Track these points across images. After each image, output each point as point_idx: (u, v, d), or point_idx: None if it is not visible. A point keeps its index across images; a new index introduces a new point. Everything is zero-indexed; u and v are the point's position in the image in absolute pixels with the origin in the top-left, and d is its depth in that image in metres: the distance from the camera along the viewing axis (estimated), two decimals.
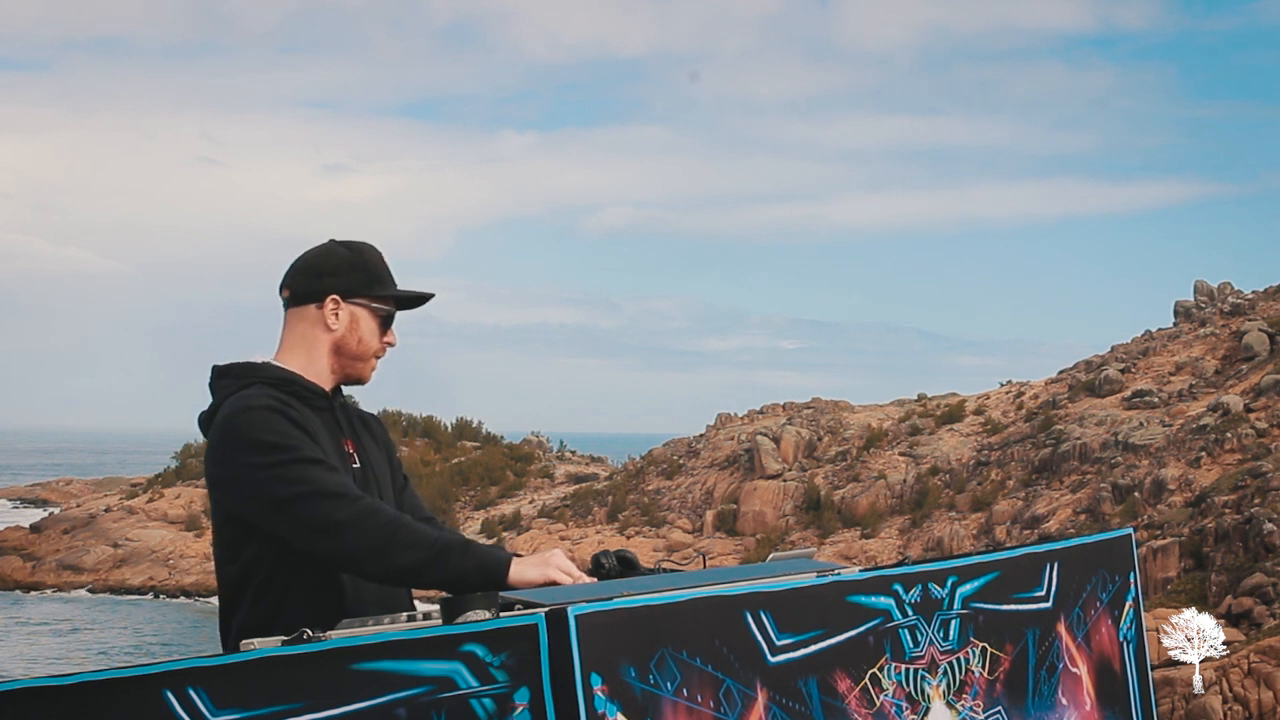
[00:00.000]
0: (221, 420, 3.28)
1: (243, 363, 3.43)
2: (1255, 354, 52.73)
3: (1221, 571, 38.23)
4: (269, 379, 3.36)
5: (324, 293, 3.42)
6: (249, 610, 3.29)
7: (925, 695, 3.06)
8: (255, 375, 3.37)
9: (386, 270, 3.49)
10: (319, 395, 3.40)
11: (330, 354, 3.44)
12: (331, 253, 3.46)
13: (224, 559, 3.36)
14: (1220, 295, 59.97)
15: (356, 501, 3.13)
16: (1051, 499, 50.69)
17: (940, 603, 3.15)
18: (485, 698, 2.47)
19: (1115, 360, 58.45)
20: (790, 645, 2.77)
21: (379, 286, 3.45)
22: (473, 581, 3.04)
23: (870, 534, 55.19)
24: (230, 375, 3.40)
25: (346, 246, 3.48)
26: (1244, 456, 44.86)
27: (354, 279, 3.43)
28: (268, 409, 3.25)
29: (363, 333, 3.44)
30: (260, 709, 2.65)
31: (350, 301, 3.43)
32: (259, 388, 3.33)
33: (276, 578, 3.27)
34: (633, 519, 61.60)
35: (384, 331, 3.48)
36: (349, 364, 3.45)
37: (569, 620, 2.40)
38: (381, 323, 3.47)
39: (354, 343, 3.44)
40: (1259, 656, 31.71)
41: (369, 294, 3.44)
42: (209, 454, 3.33)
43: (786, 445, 61.70)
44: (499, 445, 74.84)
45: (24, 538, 68.78)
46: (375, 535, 3.10)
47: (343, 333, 3.43)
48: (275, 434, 3.21)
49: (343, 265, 3.44)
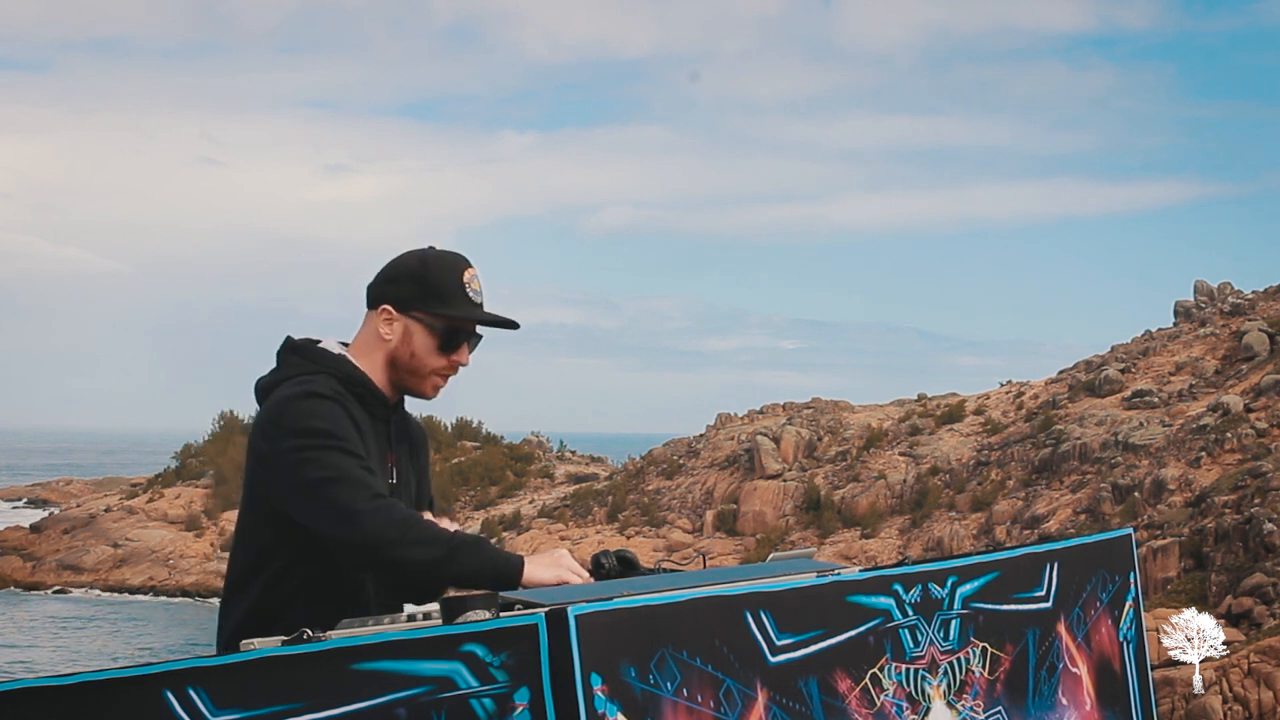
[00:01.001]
0: (281, 399, 3.24)
1: (318, 346, 3.38)
2: (1255, 354, 52.72)
3: (1221, 571, 38.23)
4: (339, 373, 3.31)
5: (380, 300, 3.37)
6: (255, 600, 3.27)
7: (925, 695, 3.06)
8: (327, 365, 3.32)
9: (456, 287, 3.34)
10: (381, 403, 3.36)
11: (386, 363, 3.37)
12: (404, 261, 3.38)
13: (241, 542, 3.34)
14: (1220, 295, 59.96)
15: (380, 496, 3.12)
16: (1051, 499, 50.68)
17: (940, 603, 3.15)
18: (485, 698, 2.47)
19: (1115, 360, 58.44)
20: (790, 645, 2.77)
21: (438, 303, 3.33)
22: (486, 580, 3.03)
23: (870, 534, 55.17)
24: (303, 354, 3.36)
25: (422, 257, 3.37)
26: (1244, 456, 44.85)
27: (411, 290, 3.34)
28: (329, 399, 3.21)
29: (416, 347, 3.35)
30: (260, 709, 2.65)
31: (406, 314, 3.35)
32: (326, 378, 3.28)
33: (290, 573, 3.25)
34: (633, 519, 61.59)
35: (448, 350, 3.37)
36: (405, 377, 3.38)
37: (569, 620, 2.40)
38: (441, 340, 3.35)
39: (406, 356, 3.36)
40: (1259, 656, 31.71)
41: (424, 309, 3.34)
42: (258, 426, 3.28)
43: (786, 445, 61.69)
44: (499, 445, 74.83)
45: (24, 538, 68.76)
46: (393, 527, 3.07)
47: (396, 344, 3.36)
48: (327, 421, 3.17)
49: (405, 275, 3.36)
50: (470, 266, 3.39)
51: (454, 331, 3.36)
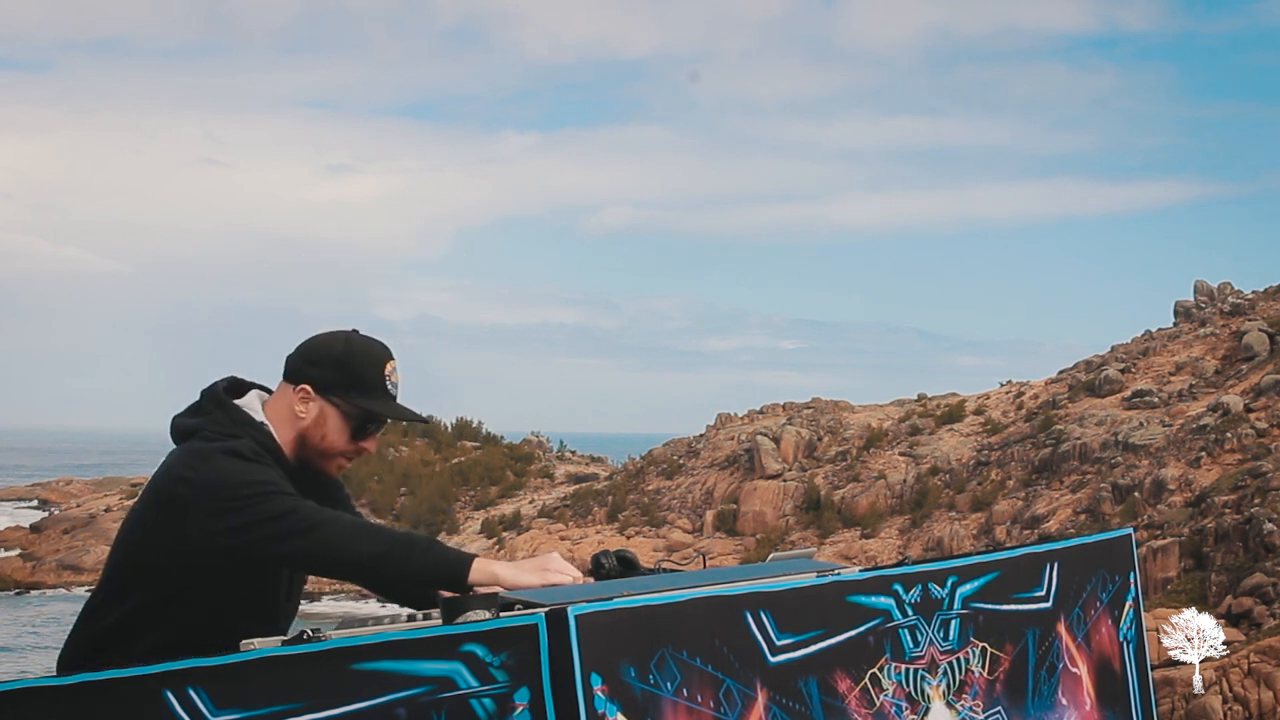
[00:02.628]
0: (207, 452, 3.26)
1: (243, 411, 3.39)
2: (1255, 354, 52.73)
3: (1221, 571, 38.24)
4: (260, 442, 3.33)
5: (300, 379, 3.39)
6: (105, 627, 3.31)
7: (925, 695, 3.06)
8: (249, 431, 3.35)
9: (377, 380, 3.39)
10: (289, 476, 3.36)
11: (295, 439, 3.40)
12: (328, 344, 3.41)
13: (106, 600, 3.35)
14: (1220, 295, 59.98)
15: (319, 511, 3.19)
16: (1051, 499, 50.69)
17: (940, 603, 3.15)
18: (485, 698, 2.47)
19: (1115, 360, 58.46)
20: (790, 645, 2.77)
21: (358, 393, 3.37)
22: (435, 578, 3.08)
23: (870, 534, 55.18)
24: (228, 412, 3.37)
25: (348, 341, 3.41)
26: (1244, 456, 44.86)
27: (333, 376, 3.37)
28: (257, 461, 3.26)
29: (328, 430, 3.38)
30: (260, 709, 2.65)
31: (324, 396, 3.38)
32: (248, 443, 3.31)
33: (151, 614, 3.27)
34: (633, 519, 61.60)
35: (359, 438, 3.41)
36: (312, 455, 3.41)
37: (569, 620, 2.40)
38: (355, 428, 3.40)
39: (318, 438, 3.39)
40: (1259, 656, 31.72)
41: (343, 395, 3.37)
42: (175, 471, 3.29)
43: (786, 445, 61.71)
44: (499, 445, 74.84)
45: (24, 538, 68.81)
46: (340, 529, 3.14)
47: (309, 424, 3.38)
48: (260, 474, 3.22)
49: (328, 359, 3.38)
50: (392, 359, 3.44)
51: (369, 422, 3.41)
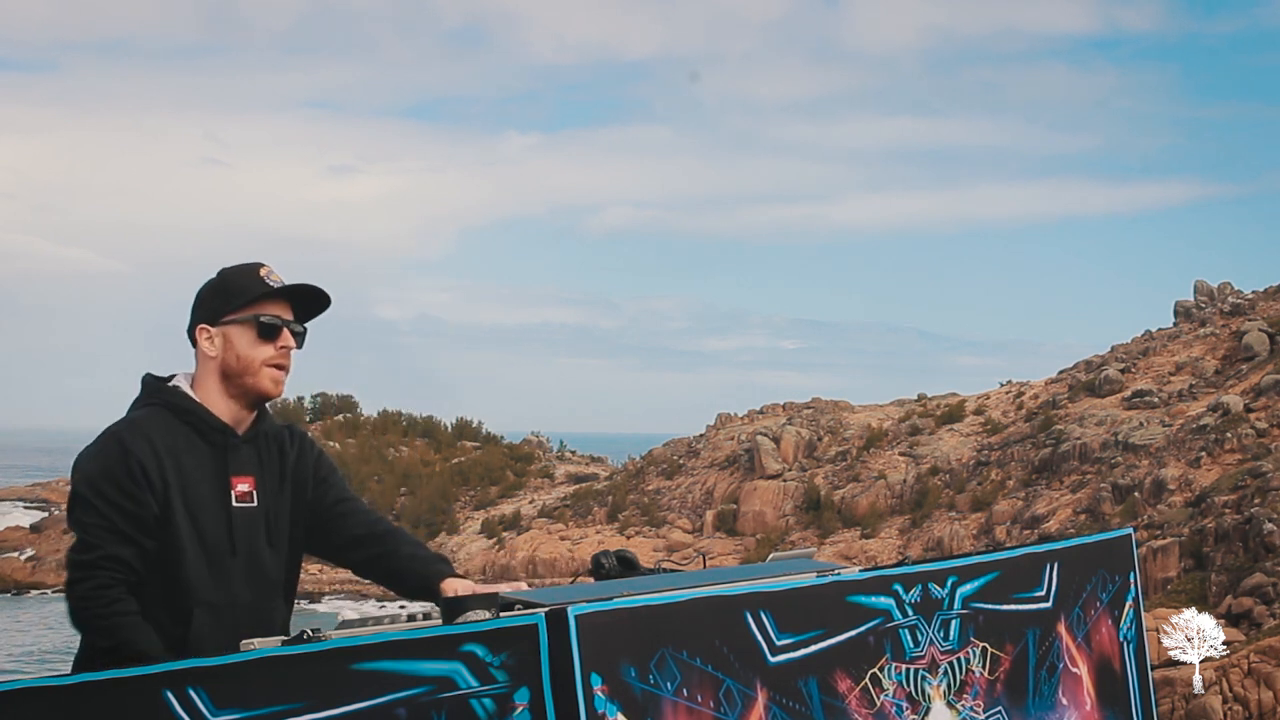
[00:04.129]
0: (100, 435, 3.36)
1: (156, 379, 3.47)
2: (1255, 354, 52.74)
3: (1221, 571, 38.24)
4: (168, 404, 3.40)
5: (195, 324, 3.46)
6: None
7: (926, 695, 3.06)
8: (158, 397, 3.42)
9: (253, 281, 3.44)
10: (216, 430, 3.41)
11: (220, 380, 3.44)
12: (203, 285, 3.49)
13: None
14: (1220, 295, 59.99)
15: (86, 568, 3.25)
16: (1051, 499, 50.69)
17: (940, 603, 3.15)
18: (485, 698, 2.47)
19: (1115, 360, 58.46)
20: (790, 645, 2.77)
21: (240, 300, 3.42)
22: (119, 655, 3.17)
23: (870, 534, 55.19)
24: (143, 388, 3.47)
25: (219, 272, 3.49)
26: (1244, 456, 44.86)
27: (214, 303, 3.44)
28: (122, 446, 3.30)
29: (239, 348, 3.42)
30: (260, 709, 2.65)
31: (219, 324, 3.43)
32: (154, 411, 3.38)
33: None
34: (633, 519, 61.60)
35: (268, 336, 3.44)
36: (240, 382, 3.44)
37: (569, 620, 2.40)
38: (259, 330, 3.44)
39: (234, 361, 3.42)
40: (1259, 656, 31.72)
41: (232, 310, 3.42)
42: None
43: (786, 445, 61.72)
44: (499, 445, 74.88)
45: (24, 538, 68.81)
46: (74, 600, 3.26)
47: (221, 355, 3.43)
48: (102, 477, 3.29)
49: (206, 292, 3.47)
50: (265, 265, 3.49)
51: (266, 319, 3.44)
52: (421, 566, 3.48)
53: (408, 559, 3.50)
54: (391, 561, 3.50)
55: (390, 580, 3.52)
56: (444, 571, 3.46)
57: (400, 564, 3.50)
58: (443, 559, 3.55)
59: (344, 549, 3.55)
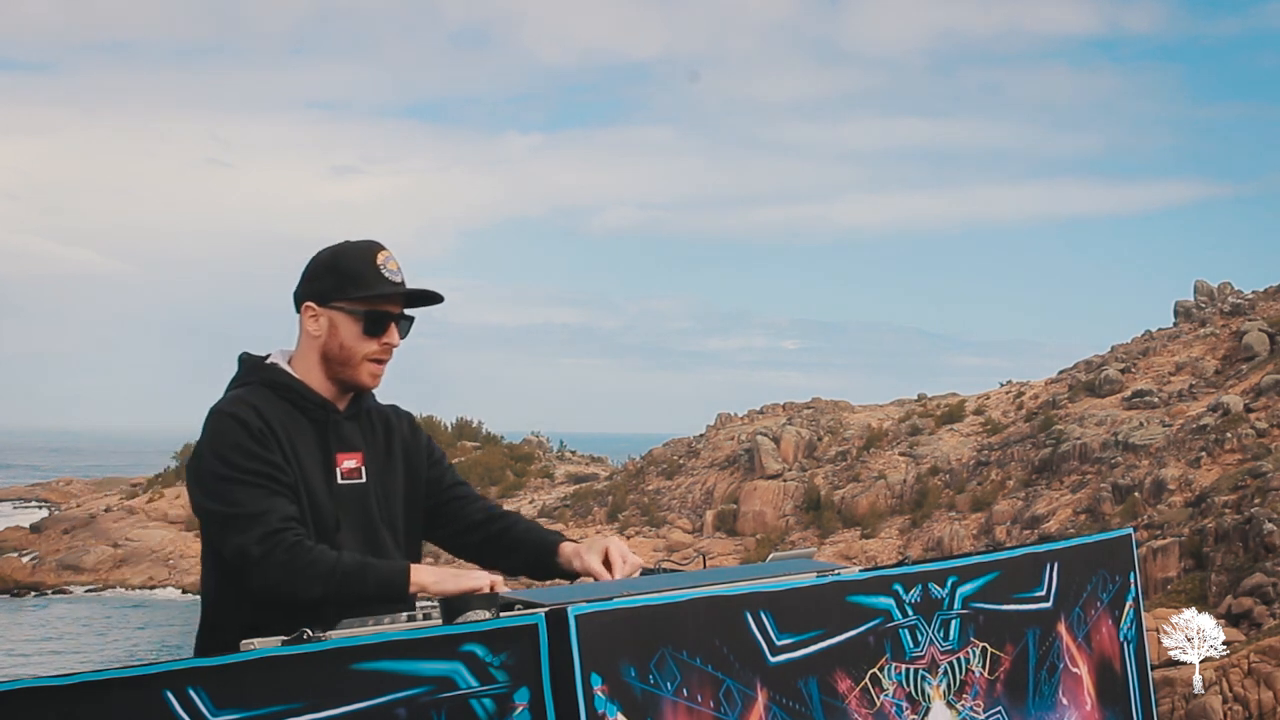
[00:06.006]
0: (207, 418, 3.27)
1: (254, 357, 3.41)
2: (1255, 354, 52.73)
3: (1221, 571, 38.24)
4: (267, 381, 3.33)
5: (302, 299, 3.38)
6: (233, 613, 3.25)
7: (926, 695, 3.06)
8: (256, 375, 3.36)
9: (371, 270, 3.33)
10: (316, 405, 3.34)
11: (320, 361, 3.37)
12: (318, 257, 3.39)
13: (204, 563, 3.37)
14: (1220, 295, 59.99)
15: (271, 535, 3.12)
16: (1051, 499, 50.69)
17: (940, 603, 3.15)
18: (485, 698, 2.47)
19: (1115, 360, 58.46)
20: (790, 645, 2.77)
21: (354, 288, 3.32)
22: (377, 599, 3.07)
23: (870, 534, 55.18)
24: (240, 366, 3.40)
25: (334, 249, 3.37)
26: (1244, 456, 44.86)
27: (326, 283, 3.34)
28: (235, 417, 3.22)
29: (343, 337, 3.34)
30: (260, 709, 2.65)
31: (327, 306, 3.34)
32: (253, 389, 3.31)
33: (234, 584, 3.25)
34: (633, 519, 61.60)
35: (374, 332, 3.35)
36: (340, 370, 3.36)
37: (569, 620, 2.40)
38: (366, 324, 3.34)
39: (336, 348, 3.34)
40: (1259, 656, 31.71)
41: (343, 297, 3.33)
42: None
43: (786, 445, 61.71)
44: (499, 445, 74.88)
45: (24, 538, 68.79)
46: (280, 570, 3.11)
47: (324, 339, 3.35)
48: (231, 448, 3.19)
49: (320, 269, 3.36)
50: (384, 249, 3.38)
51: (375, 313, 3.35)
52: (539, 535, 3.47)
53: (525, 530, 3.49)
54: (512, 534, 3.48)
55: (510, 553, 3.46)
56: (562, 538, 3.43)
57: (519, 534, 3.47)
58: (558, 533, 3.52)
59: (463, 533, 3.50)
